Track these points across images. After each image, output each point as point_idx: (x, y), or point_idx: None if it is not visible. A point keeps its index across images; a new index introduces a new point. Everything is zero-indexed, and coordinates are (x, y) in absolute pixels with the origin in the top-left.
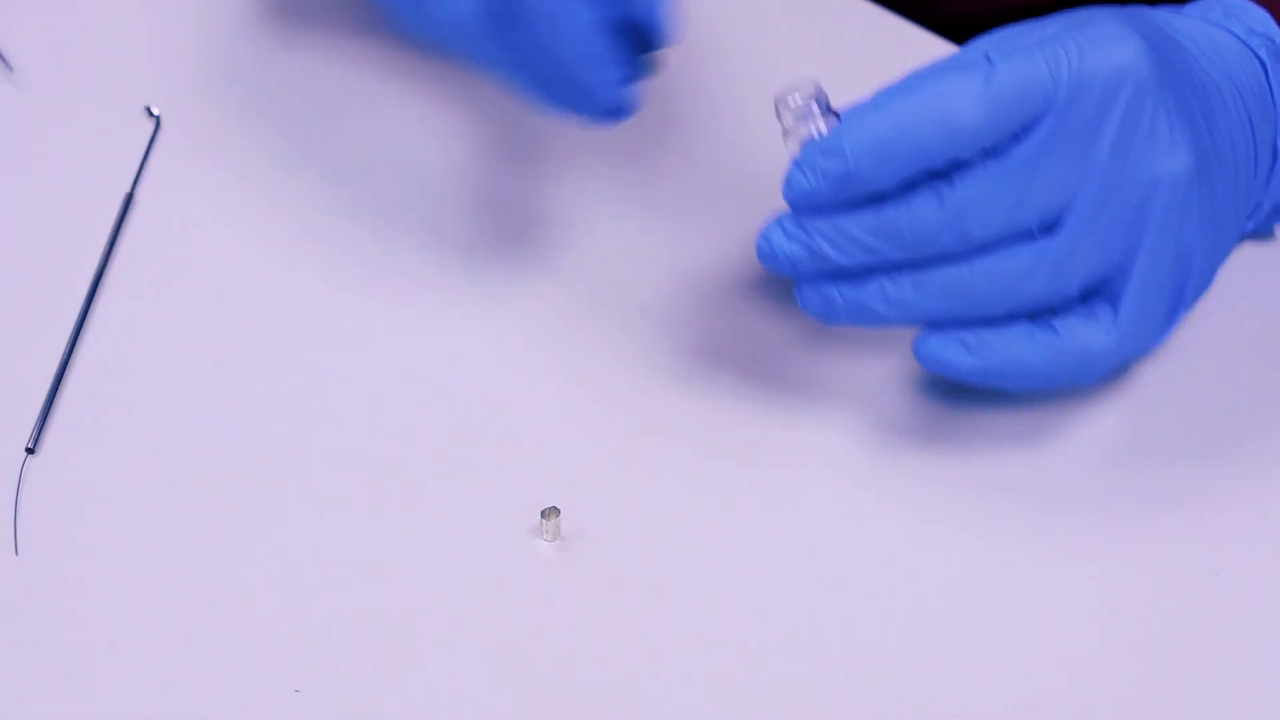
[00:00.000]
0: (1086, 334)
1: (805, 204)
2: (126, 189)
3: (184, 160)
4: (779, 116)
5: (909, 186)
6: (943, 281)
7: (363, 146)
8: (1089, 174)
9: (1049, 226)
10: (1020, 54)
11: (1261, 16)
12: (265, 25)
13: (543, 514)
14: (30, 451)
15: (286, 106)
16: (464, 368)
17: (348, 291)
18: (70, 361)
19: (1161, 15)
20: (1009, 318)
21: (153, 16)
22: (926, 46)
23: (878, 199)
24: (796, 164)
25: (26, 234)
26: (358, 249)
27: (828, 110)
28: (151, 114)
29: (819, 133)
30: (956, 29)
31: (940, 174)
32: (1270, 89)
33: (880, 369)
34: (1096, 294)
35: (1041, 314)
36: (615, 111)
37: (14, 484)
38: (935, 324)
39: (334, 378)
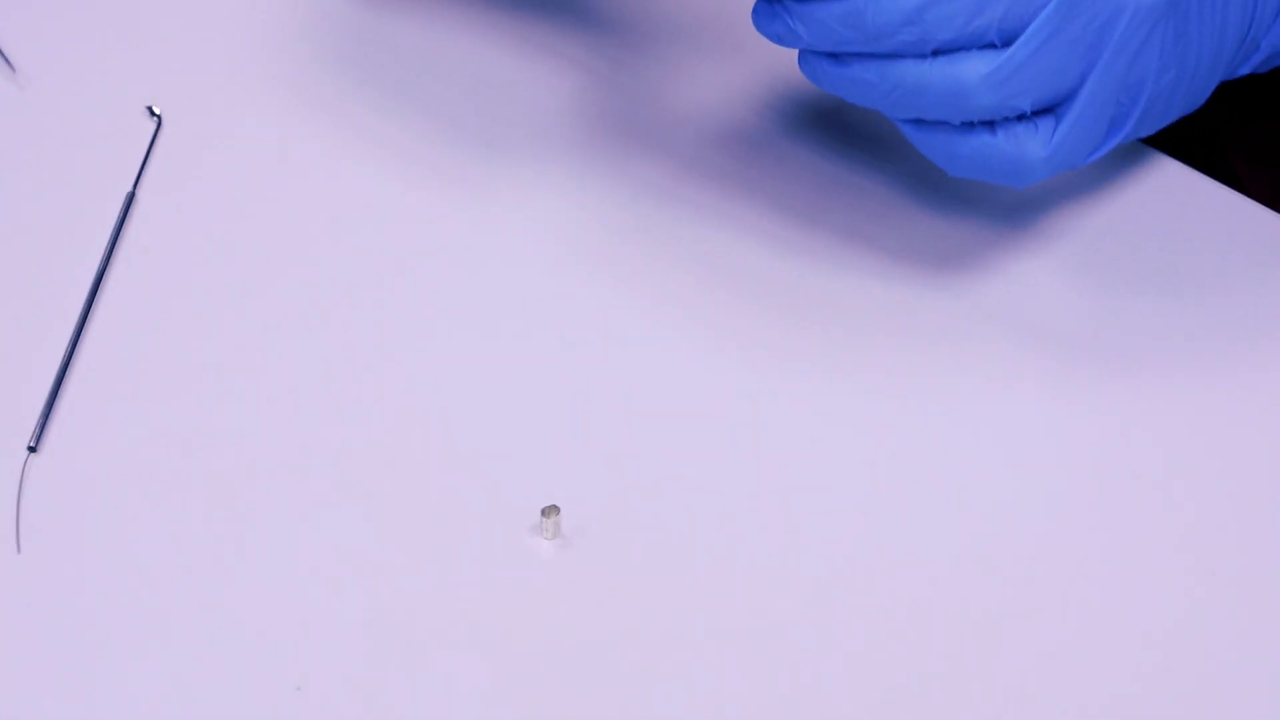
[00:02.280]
0: (1021, 141)
1: None
2: (128, 188)
3: (186, 160)
4: None
5: None
6: (901, 74)
7: (363, 146)
8: None
9: (1009, 40)
10: None
11: None
12: (268, 24)
13: (543, 512)
14: (32, 450)
15: (287, 106)
16: (464, 366)
17: (348, 291)
18: (72, 360)
19: None
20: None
21: (154, 16)
22: None
23: None
24: None
25: (28, 233)
26: (358, 249)
27: None
28: (153, 113)
29: None
30: None
31: None
32: None
33: (882, 372)
34: (1046, 110)
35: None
36: None
37: (16, 482)
38: (899, 119)
39: (334, 376)
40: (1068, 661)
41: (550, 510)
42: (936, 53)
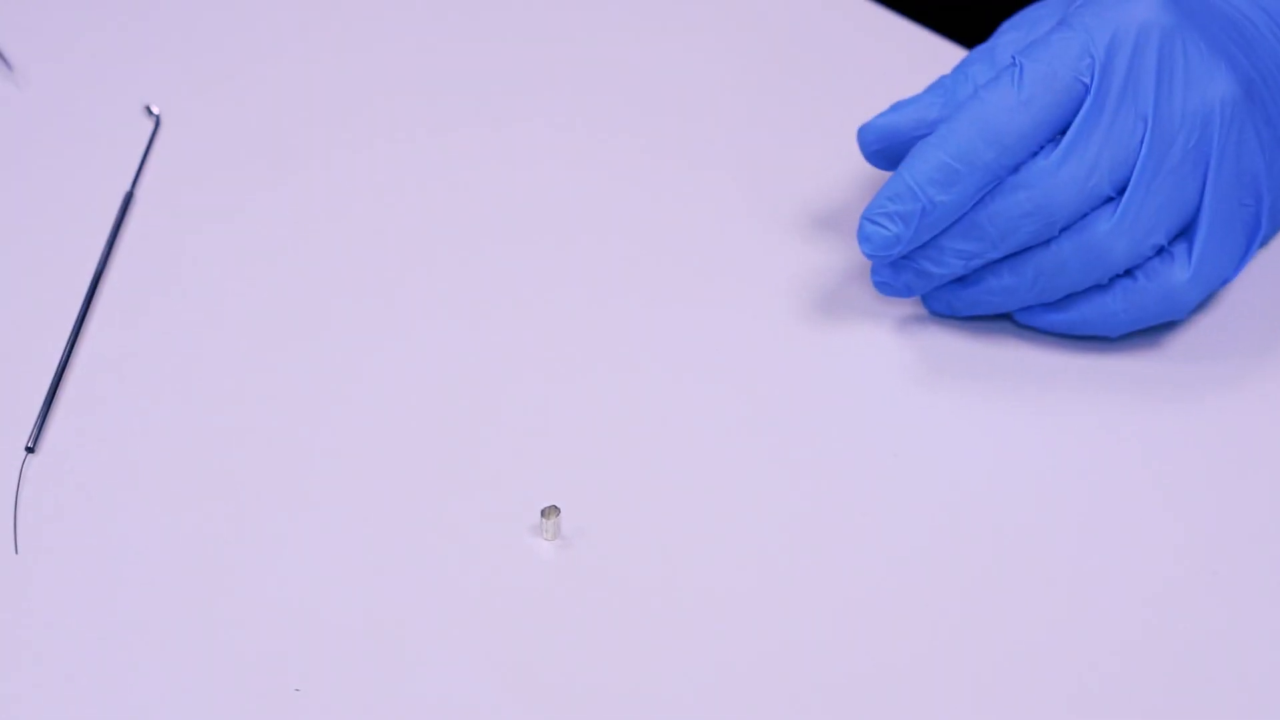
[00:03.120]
0: (1164, 274)
1: (888, 252)
2: (126, 187)
3: (183, 159)
4: None
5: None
6: (1037, 264)
7: (360, 147)
8: (1142, 127)
9: (1121, 188)
10: (1043, 47)
11: None
12: (266, 24)
13: (543, 513)
14: (30, 450)
15: (285, 106)
16: (464, 367)
17: (347, 291)
18: (70, 360)
19: None
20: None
21: (152, 15)
22: (925, 45)
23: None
24: (867, 217)
25: (26, 232)
26: (357, 248)
27: None
28: (151, 113)
29: None
30: (956, 10)
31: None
32: None
33: (883, 374)
34: (1179, 236)
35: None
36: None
37: (14, 483)
38: (1041, 300)
39: (333, 377)
40: (1068, 662)
41: (550, 511)
42: (1063, 229)
